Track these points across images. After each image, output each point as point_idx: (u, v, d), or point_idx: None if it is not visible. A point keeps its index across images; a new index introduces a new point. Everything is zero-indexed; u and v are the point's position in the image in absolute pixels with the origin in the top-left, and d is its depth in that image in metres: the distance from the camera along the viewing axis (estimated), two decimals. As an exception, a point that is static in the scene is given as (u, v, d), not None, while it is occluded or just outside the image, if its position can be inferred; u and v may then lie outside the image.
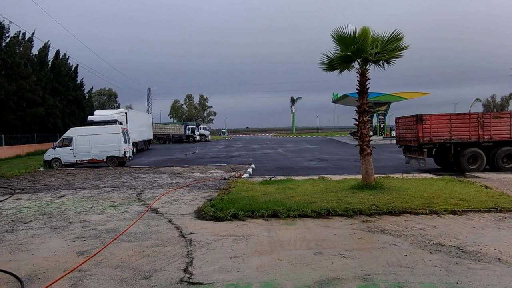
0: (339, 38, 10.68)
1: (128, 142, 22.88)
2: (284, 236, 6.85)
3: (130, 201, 10.67)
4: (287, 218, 7.98)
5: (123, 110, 33.03)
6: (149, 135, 42.05)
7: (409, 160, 17.28)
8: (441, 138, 15.57)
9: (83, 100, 49.34)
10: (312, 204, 8.81)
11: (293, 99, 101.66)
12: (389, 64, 11.24)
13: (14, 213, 9.44)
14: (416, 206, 8.49)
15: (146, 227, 7.70)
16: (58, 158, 21.42)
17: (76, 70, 48.90)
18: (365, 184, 10.77)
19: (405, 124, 17.02)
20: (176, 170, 18.46)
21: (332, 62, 11.29)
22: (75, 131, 22.33)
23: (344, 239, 6.60)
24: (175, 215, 8.67)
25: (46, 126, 37.45)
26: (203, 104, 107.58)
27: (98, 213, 9.17)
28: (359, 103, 11.21)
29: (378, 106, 48.95)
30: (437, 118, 15.66)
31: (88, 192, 12.38)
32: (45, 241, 6.95)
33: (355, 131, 11.77)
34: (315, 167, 19.75)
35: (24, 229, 7.87)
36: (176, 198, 10.89)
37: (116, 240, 6.88)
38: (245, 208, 8.50)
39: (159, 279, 4.99)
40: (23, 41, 37.77)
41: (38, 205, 10.39)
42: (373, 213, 8.16)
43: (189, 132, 59.02)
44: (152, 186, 13.43)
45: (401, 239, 6.49)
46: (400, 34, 10.69)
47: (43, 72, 38.37)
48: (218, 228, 7.50)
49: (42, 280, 5.09)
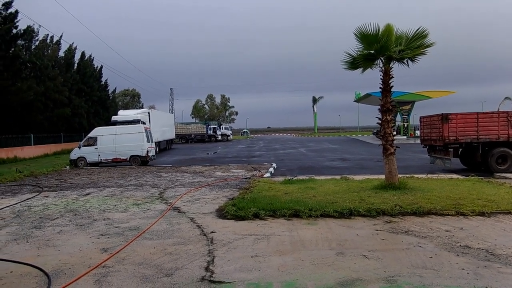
0: (362, 36, 10.52)
1: (151, 142, 23.21)
2: (305, 236, 6.79)
3: (152, 199, 10.81)
4: (309, 218, 7.91)
5: (146, 110, 33.54)
6: (171, 134, 42.56)
7: (434, 160, 16.88)
8: (468, 137, 15.14)
9: (107, 100, 50.48)
10: (334, 204, 8.70)
11: (314, 98, 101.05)
12: (413, 62, 11.01)
13: (41, 210, 9.71)
14: (442, 207, 8.27)
15: (168, 226, 7.77)
16: (83, 157, 21.94)
17: (101, 71, 50.13)
18: (389, 184, 10.57)
19: (430, 123, 16.63)
20: (198, 169, 18.61)
21: (354, 61, 11.13)
22: (99, 130, 22.82)
23: (367, 239, 6.49)
24: (197, 214, 8.73)
25: (72, 126, 38.44)
26: (224, 104, 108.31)
27: (122, 211, 9.33)
28: (382, 102, 11.01)
29: (401, 105, 48.05)
30: (464, 117, 15.23)
31: (112, 191, 12.61)
32: (70, 238, 7.11)
33: (378, 131, 11.59)
34: (337, 166, 19.54)
35: (51, 225, 8.08)
36: (197, 197, 10.97)
37: (138, 238, 6.97)
38: (266, 208, 8.47)
39: (181, 277, 5.02)
40: (51, 43, 38.92)
41: (64, 203, 10.65)
42: (396, 214, 8.00)
43: (211, 131, 59.51)
44: (174, 185, 13.57)
45: (426, 240, 6.33)
46: (425, 31, 10.45)
47: (69, 73, 39.43)
48: (240, 227, 7.50)
49: (67, 275, 5.20)
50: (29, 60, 32.35)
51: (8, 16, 29.43)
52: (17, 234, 7.46)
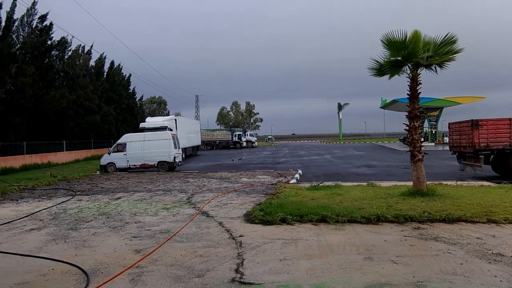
0: (389, 43, 10.50)
1: (177, 148, 23.67)
2: (333, 240, 6.84)
3: (181, 204, 11.07)
4: (336, 223, 7.95)
5: (173, 117, 34.20)
6: (197, 141, 43.17)
7: (464, 167, 16.51)
8: (499, 144, 14.77)
9: (135, 107, 51.71)
10: (361, 210, 8.70)
11: (340, 105, 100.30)
12: (442, 68, 10.90)
13: (76, 213, 10.12)
14: (472, 214, 8.14)
15: (198, 229, 7.97)
16: (113, 163, 22.61)
17: (129, 80, 51.43)
18: (417, 191, 10.45)
19: (459, 129, 16.30)
20: (224, 175, 18.85)
21: (381, 67, 11.11)
22: (128, 137, 23.46)
23: (395, 245, 6.48)
24: (225, 218, 8.90)
25: (101, 132, 39.60)
26: (249, 110, 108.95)
27: (152, 215, 9.61)
28: (410, 108, 10.93)
29: (429, 111, 47.11)
30: (495, 123, 14.87)
31: (141, 195, 12.97)
32: (105, 239, 7.41)
33: (406, 137, 11.49)
34: (363, 173, 19.37)
35: (86, 227, 8.43)
36: (225, 202, 11.16)
37: (169, 240, 7.19)
38: (293, 213, 8.55)
39: (212, 278, 5.18)
40: (83, 53, 40.33)
41: (97, 206, 11.06)
42: (425, 220, 7.93)
43: (236, 138, 59.91)
44: (201, 190, 13.83)
45: (456, 247, 6.27)
46: (453, 37, 10.33)
47: (99, 82, 40.74)
48: (267, 231, 7.62)
49: (104, 274, 5.46)
50: (62, 70, 33.63)
51: (44, 29, 30.77)
52: (55, 235, 7.83)
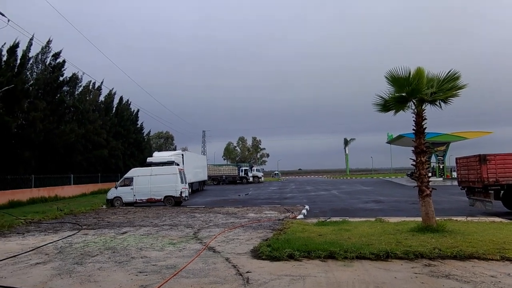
0: (393, 79, 10.71)
1: (184, 183, 23.67)
2: (342, 277, 6.71)
3: (187, 239, 10.98)
4: (344, 260, 7.81)
5: (180, 152, 34.49)
6: (204, 176, 43.20)
7: (473, 202, 16.29)
8: (509, 179, 14.63)
9: (143, 142, 52.25)
10: (370, 246, 8.57)
11: (346, 140, 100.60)
12: (446, 104, 11.03)
13: (82, 247, 10.06)
14: (485, 251, 7.97)
15: (204, 265, 7.87)
16: (119, 197, 22.60)
17: (137, 115, 52.26)
18: (426, 227, 10.30)
19: (467, 164, 16.22)
20: (231, 211, 18.72)
21: (386, 103, 11.27)
22: (135, 171, 23.59)
23: (406, 282, 6.34)
24: (232, 254, 8.80)
25: (108, 166, 39.88)
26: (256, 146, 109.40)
27: (158, 250, 9.53)
28: (416, 144, 10.98)
29: (436, 146, 47.04)
30: (504, 158, 14.80)
31: (147, 230, 12.89)
32: (110, 274, 7.33)
33: (413, 172, 11.45)
34: (371, 208, 19.15)
35: (92, 262, 8.36)
36: (232, 237, 11.05)
37: (175, 276, 7.10)
38: (301, 249, 8.44)
39: (219, 315, 5.08)
40: (93, 89, 41.33)
41: (102, 240, 10.99)
42: (436, 257, 7.77)
43: (242, 173, 59.83)
44: (208, 225, 13.72)
45: (469, 285, 6.12)
46: (456, 74, 10.54)
47: (108, 116, 41.49)
48: (275, 267, 7.50)
49: (110, 310, 5.37)
50: (72, 105, 34.42)
51: (56, 66, 31.81)
52: (60, 269, 7.77)
